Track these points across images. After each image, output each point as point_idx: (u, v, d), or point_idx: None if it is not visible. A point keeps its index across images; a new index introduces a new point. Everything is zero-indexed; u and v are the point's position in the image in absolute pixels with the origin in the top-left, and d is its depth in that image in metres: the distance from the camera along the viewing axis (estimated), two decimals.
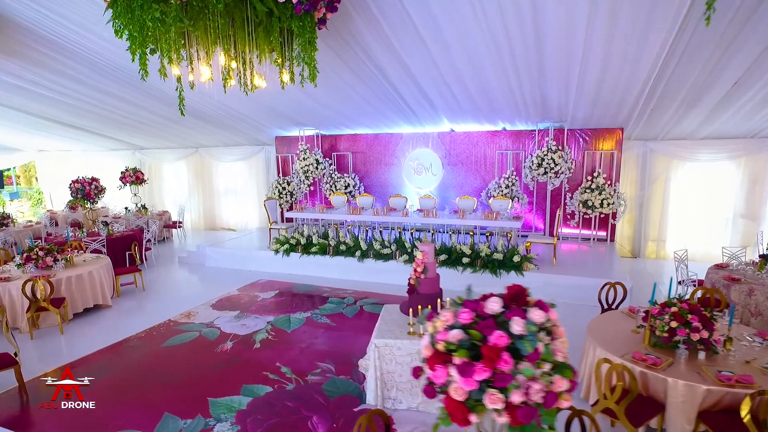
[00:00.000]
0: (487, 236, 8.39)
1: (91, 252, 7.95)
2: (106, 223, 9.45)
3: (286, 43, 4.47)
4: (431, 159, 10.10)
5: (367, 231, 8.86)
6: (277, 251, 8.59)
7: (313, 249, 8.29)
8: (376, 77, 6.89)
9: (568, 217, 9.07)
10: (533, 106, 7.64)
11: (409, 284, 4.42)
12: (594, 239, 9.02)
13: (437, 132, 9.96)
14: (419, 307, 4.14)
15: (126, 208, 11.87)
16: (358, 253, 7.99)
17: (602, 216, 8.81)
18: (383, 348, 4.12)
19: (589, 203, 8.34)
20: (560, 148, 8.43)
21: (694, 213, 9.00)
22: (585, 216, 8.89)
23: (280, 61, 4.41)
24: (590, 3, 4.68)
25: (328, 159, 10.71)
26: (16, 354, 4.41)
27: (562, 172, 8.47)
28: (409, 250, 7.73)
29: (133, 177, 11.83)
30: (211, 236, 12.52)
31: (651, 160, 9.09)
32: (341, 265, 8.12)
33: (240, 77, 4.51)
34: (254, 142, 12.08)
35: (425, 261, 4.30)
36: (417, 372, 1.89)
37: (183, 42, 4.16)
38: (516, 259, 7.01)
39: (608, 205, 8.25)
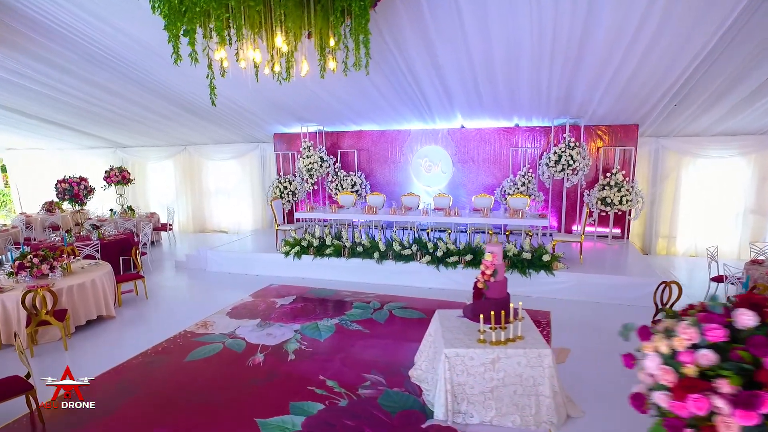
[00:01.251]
0: (506, 235, 8.17)
1: (84, 258, 7.27)
2: (96, 227, 8.72)
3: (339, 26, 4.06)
4: (441, 156, 9.81)
5: (381, 231, 8.50)
6: (287, 254, 8.11)
7: (328, 251, 7.85)
8: (399, 68, 6.54)
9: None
10: (556, 101, 7.45)
11: (475, 288, 4.09)
12: (611, 237, 8.93)
13: (447, 129, 9.68)
14: (492, 313, 3.81)
15: (111, 210, 11.06)
16: (376, 254, 7.60)
17: (619, 213, 8.73)
18: (454, 358, 3.77)
19: (608, 200, 8.22)
20: (578, 144, 8.28)
21: (705, 209, 9.03)
22: (602, 213, 8.79)
23: (333, 45, 3.99)
24: (649, 1, 4.63)
25: (332, 156, 10.25)
26: (28, 375, 3.84)
27: (580, 170, 8.32)
28: (431, 251, 7.40)
29: (119, 176, 11.06)
30: (201, 239, 11.87)
31: (663, 157, 9.08)
32: (359, 267, 7.71)
33: (286, 62, 4.07)
34: (249, 139, 11.48)
35: (495, 263, 3.98)
36: (640, 401, 1.55)
37: (228, 21, 3.70)
38: (546, 258, 6.79)
39: (627, 202, 8.16)
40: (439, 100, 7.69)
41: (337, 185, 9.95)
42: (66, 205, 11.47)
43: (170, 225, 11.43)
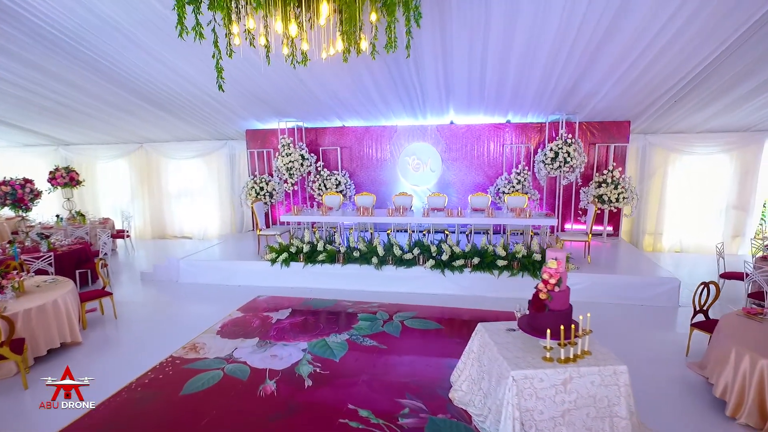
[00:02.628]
0: (507, 235, 7.84)
1: (35, 273, 6.19)
2: (44, 236, 7.53)
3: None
4: (429, 154, 9.36)
5: (373, 234, 7.93)
6: (273, 261, 7.35)
7: (320, 257, 7.18)
8: (400, 55, 5.99)
9: (580, 212, 8.81)
10: (560, 94, 7.20)
11: (535, 299, 3.63)
12: (605, 234, 8.84)
13: (436, 125, 9.25)
14: (561, 327, 3.36)
15: (58, 216, 9.74)
16: (374, 259, 7.02)
17: (614, 210, 8.65)
18: (523, 381, 3.29)
19: (605, 198, 8.09)
20: (575, 140, 8.10)
21: (690, 206, 9.16)
22: (596, 211, 8.67)
23: (375, 18, 3.39)
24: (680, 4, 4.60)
25: (312, 155, 9.53)
26: None
27: (577, 167, 8.14)
28: (435, 255, 6.92)
29: (66, 178, 9.76)
30: (163, 246, 10.77)
31: (650, 154, 9.12)
32: (355, 274, 7.10)
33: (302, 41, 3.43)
34: (217, 135, 10.52)
35: (560, 270, 3.54)
36: None
37: None
38: None
39: (624, 199, 8.06)
40: (438, 91, 7.23)
41: (319, 185, 9.25)
42: (4, 212, 9.99)
43: (127, 232, 10.25)
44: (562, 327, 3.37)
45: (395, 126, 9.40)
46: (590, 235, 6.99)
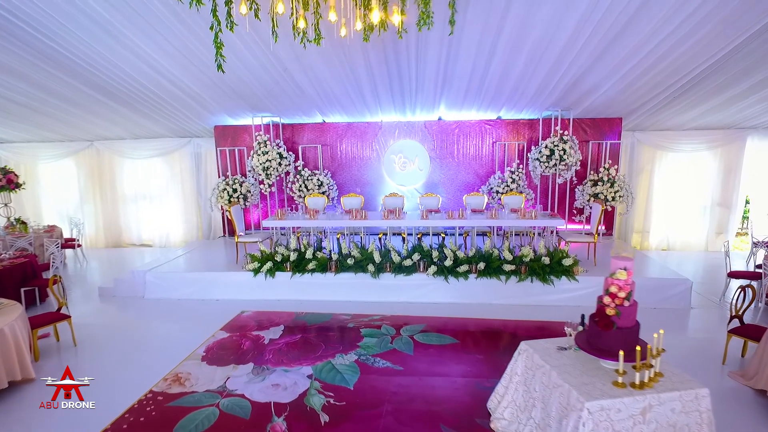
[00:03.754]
0: (507, 237, 7.45)
1: None
2: None
3: None
4: (417, 152, 8.85)
5: (363, 239, 7.33)
6: (256, 272, 6.59)
7: (310, 266, 6.50)
8: (409, 42, 5.45)
9: (575, 212, 8.57)
10: (563, 89, 6.88)
11: (601, 315, 3.16)
12: (600, 234, 8.64)
13: (424, 121, 8.75)
14: (638, 348, 2.91)
15: None
16: (370, 267, 6.42)
17: (609, 209, 8.47)
18: (599, 414, 2.82)
19: (601, 196, 7.88)
20: (571, 137, 7.83)
21: (676, 203, 9.15)
22: (604, 210, 8.47)
23: None
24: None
25: (291, 153, 8.77)
26: None
27: (573, 164, 7.88)
28: (436, 260, 6.42)
29: (4, 180, 8.50)
30: (119, 256, 9.69)
31: (638, 151, 9.03)
32: (350, 283, 6.47)
33: (315, 15, 2.83)
34: (180, 132, 9.54)
35: (629, 282, 3.10)
36: None
37: None
38: (567, 262, 6.15)
39: (620, 197, 7.88)
40: (434, 83, 6.71)
41: (300, 186, 8.51)
42: None
43: (78, 241, 9.08)
44: (638, 348, 2.93)
45: (380, 122, 8.83)
46: (596, 236, 6.71)
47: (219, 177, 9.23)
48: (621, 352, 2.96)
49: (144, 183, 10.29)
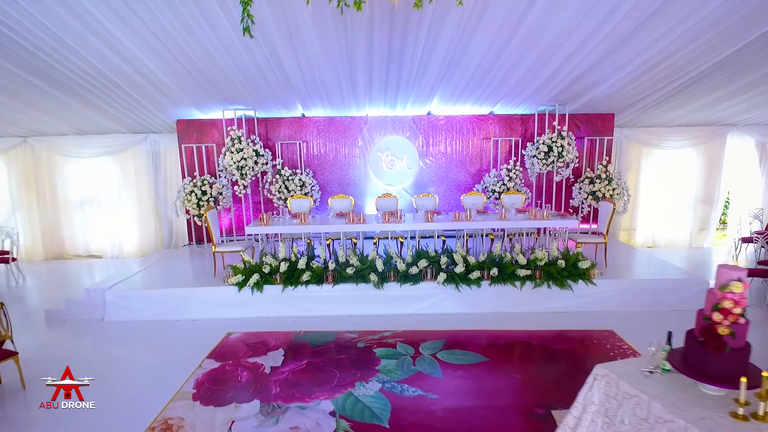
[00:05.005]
0: (510, 238, 7.01)
1: None
2: None
3: None
4: (405, 149, 8.25)
5: (355, 244, 6.64)
6: (241, 286, 5.73)
7: (305, 277, 5.73)
8: (422, 28, 4.85)
9: (570, 211, 8.28)
10: (567, 83, 6.50)
11: (710, 333, 2.68)
12: (590, 232, 8.42)
13: (412, 116, 8.16)
14: (764, 374, 2.46)
15: None
16: (373, 276, 5.75)
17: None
18: None
19: (599, 194, 7.63)
20: (569, 134, 7.52)
21: (662, 200, 9.13)
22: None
23: None
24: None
25: (267, 150, 7.89)
26: None
27: (571, 161, 7.57)
28: (445, 267, 5.85)
29: None
30: (63, 270, 8.44)
31: (626, 148, 8.92)
32: (350, 296, 5.76)
33: None
34: (135, 128, 8.38)
35: (745, 296, 2.64)
36: None
37: None
38: (584, 265, 5.77)
39: (618, 195, 7.66)
40: (437, 72, 6.10)
41: (280, 187, 7.66)
42: None
43: (12, 254, 7.72)
44: (764, 374, 2.47)
45: (365, 117, 8.15)
46: (607, 237, 6.40)
47: (184, 178, 8.18)
48: (743, 379, 2.50)
49: (91, 185, 9.01)
